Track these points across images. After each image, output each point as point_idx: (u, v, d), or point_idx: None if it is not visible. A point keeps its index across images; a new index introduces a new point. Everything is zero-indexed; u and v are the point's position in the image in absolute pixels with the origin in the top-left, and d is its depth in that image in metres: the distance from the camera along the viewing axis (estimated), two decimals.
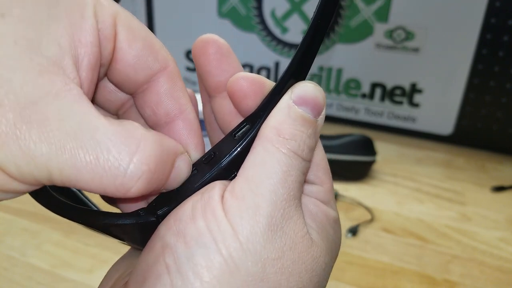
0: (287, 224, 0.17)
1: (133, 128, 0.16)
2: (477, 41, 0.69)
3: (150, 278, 0.17)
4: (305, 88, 0.19)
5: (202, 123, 0.22)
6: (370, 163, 0.64)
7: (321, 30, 0.19)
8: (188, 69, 0.89)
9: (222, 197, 0.18)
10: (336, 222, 0.21)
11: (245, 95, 0.20)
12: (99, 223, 0.19)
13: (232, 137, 0.19)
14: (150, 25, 0.88)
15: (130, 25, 0.18)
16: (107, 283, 0.20)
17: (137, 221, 0.19)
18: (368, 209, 0.57)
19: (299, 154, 0.18)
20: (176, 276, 0.16)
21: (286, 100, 0.19)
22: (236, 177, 0.18)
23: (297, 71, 0.19)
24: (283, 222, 0.17)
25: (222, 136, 0.22)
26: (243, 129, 0.19)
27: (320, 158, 0.21)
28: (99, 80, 0.19)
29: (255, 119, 0.19)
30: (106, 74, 0.19)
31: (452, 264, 0.49)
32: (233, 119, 0.21)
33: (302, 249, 0.18)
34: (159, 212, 0.19)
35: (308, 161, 0.19)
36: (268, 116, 0.19)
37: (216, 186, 0.18)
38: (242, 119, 0.20)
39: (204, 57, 0.20)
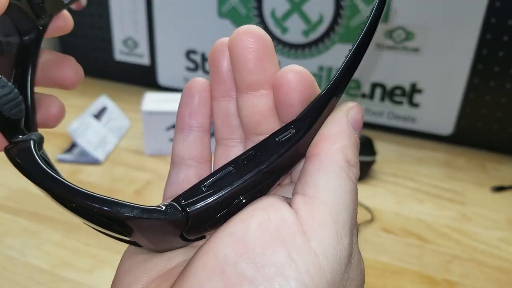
0: (355, 251, 0.17)
1: None
2: (477, 41, 0.69)
3: None
4: (360, 112, 0.19)
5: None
6: (370, 163, 0.64)
7: (363, 49, 0.19)
8: (188, 69, 0.89)
9: (296, 217, 0.16)
10: None
11: (293, 89, 0.19)
12: (120, 215, 0.16)
13: (275, 140, 0.19)
14: (150, 25, 0.88)
15: None
16: (136, 283, 0.19)
17: (165, 217, 0.16)
18: (368, 209, 0.57)
19: (355, 181, 0.18)
20: None
21: (345, 122, 0.18)
22: (311, 198, 0.17)
23: (344, 84, 0.19)
24: (353, 250, 0.17)
25: (237, 135, 0.21)
26: (288, 135, 0.19)
27: None
28: None
29: (301, 125, 0.18)
30: None
31: (452, 264, 0.49)
32: (262, 120, 0.20)
33: (361, 272, 0.18)
34: (189, 210, 0.17)
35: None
36: (330, 135, 0.18)
37: (283, 206, 0.17)
38: (273, 121, 0.20)
39: (246, 52, 0.19)
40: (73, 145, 0.67)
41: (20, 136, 0.20)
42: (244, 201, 0.18)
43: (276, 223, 0.16)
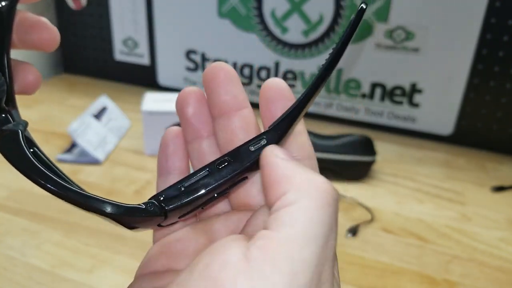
0: (325, 280, 0.16)
1: None
2: (477, 41, 0.69)
3: None
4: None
5: None
6: (370, 163, 0.64)
7: (333, 65, 0.20)
8: (188, 69, 0.89)
9: (244, 257, 0.15)
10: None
11: (272, 100, 0.21)
12: (112, 213, 0.19)
13: (248, 149, 0.21)
14: (150, 25, 0.88)
15: None
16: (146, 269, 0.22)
17: (146, 215, 0.20)
18: (368, 209, 0.57)
19: (330, 210, 0.16)
20: None
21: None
22: (272, 232, 0.16)
23: (314, 95, 0.21)
24: (321, 278, 0.15)
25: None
26: (259, 145, 0.21)
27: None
28: None
29: (272, 137, 0.21)
30: None
31: (452, 264, 0.49)
32: (235, 138, 0.22)
33: None
34: (167, 208, 0.20)
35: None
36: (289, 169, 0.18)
37: (233, 246, 0.16)
38: (243, 137, 0.22)
39: (214, 81, 0.22)
40: (73, 145, 0.67)
41: (8, 125, 0.20)
42: (216, 195, 0.21)
43: (219, 266, 0.15)
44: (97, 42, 0.95)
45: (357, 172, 0.64)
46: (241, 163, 0.21)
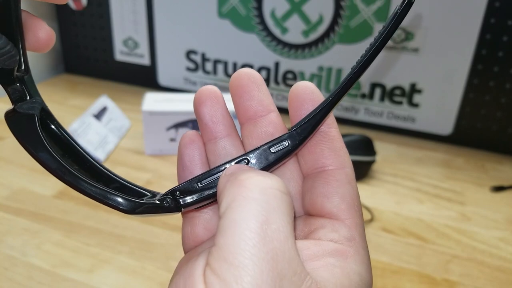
0: (285, 286, 0.15)
1: None
2: (477, 41, 0.69)
3: None
4: (233, 166, 0.20)
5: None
6: (370, 163, 0.64)
7: (355, 78, 0.21)
8: (188, 69, 0.89)
9: (204, 272, 0.15)
10: (360, 265, 0.18)
11: (301, 102, 0.21)
12: (127, 210, 0.20)
13: (269, 150, 0.21)
14: (151, 25, 0.88)
15: None
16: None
17: (162, 211, 0.21)
18: (367, 209, 0.57)
19: (274, 187, 0.16)
20: None
21: (230, 168, 0.19)
22: (213, 246, 0.16)
23: (342, 95, 0.21)
24: (276, 285, 0.14)
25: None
26: (281, 147, 0.21)
27: (348, 191, 0.20)
28: None
29: (294, 141, 0.21)
30: None
31: (452, 264, 0.49)
32: (260, 143, 0.22)
33: None
34: (182, 203, 0.21)
35: (288, 194, 0.17)
36: (224, 180, 0.18)
37: (200, 258, 0.16)
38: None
39: (239, 88, 0.22)
40: None
41: (23, 105, 0.20)
42: None
43: (185, 278, 0.16)
44: (98, 42, 0.95)
45: (357, 172, 0.64)
46: (259, 163, 0.20)
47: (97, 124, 0.68)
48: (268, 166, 0.21)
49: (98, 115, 0.71)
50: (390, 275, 0.47)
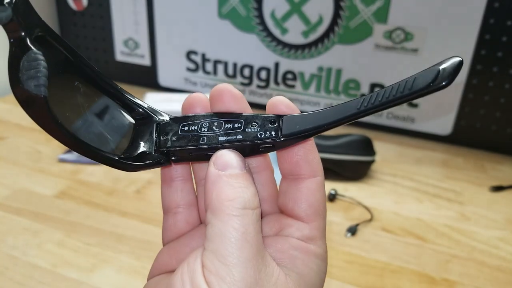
0: (262, 277, 0.19)
1: None
2: (476, 41, 0.70)
3: None
4: (223, 157, 0.22)
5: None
6: (370, 163, 0.64)
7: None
8: (189, 69, 0.89)
9: (204, 273, 0.19)
10: (319, 258, 0.23)
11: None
12: (133, 166, 0.23)
13: (258, 147, 0.22)
14: (151, 25, 0.88)
15: None
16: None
17: (157, 166, 0.24)
18: (367, 209, 0.57)
19: (248, 206, 0.20)
20: None
21: (214, 173, 0.21)
22: (205, 250, 0.20)
23: (327, 130, 0.22)
24: (258, 277, 0.19)
25: None
26: (267, 145, 0.22)
27: (316, 199, 0.23)
28: None
29: (279, 146, 0.22)
30: None
31: (451, 264, 0.49)
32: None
33: None
34: (173, 158, 0.24)
35: (258, 208, 0.21)
36: (209, 191, 0.21)
37: (198, 257, 0.20)
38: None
39: (220, 103, 0.23)
40: None
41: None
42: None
43: (190, 274, 0.19)
44: (98, 42, 0.95)
45: (357, 172, 0.64)
46: (244, 142, 0.22)
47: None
48: (247, 153, 0.22)
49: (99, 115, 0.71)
50: (390, 274, 0.47)
